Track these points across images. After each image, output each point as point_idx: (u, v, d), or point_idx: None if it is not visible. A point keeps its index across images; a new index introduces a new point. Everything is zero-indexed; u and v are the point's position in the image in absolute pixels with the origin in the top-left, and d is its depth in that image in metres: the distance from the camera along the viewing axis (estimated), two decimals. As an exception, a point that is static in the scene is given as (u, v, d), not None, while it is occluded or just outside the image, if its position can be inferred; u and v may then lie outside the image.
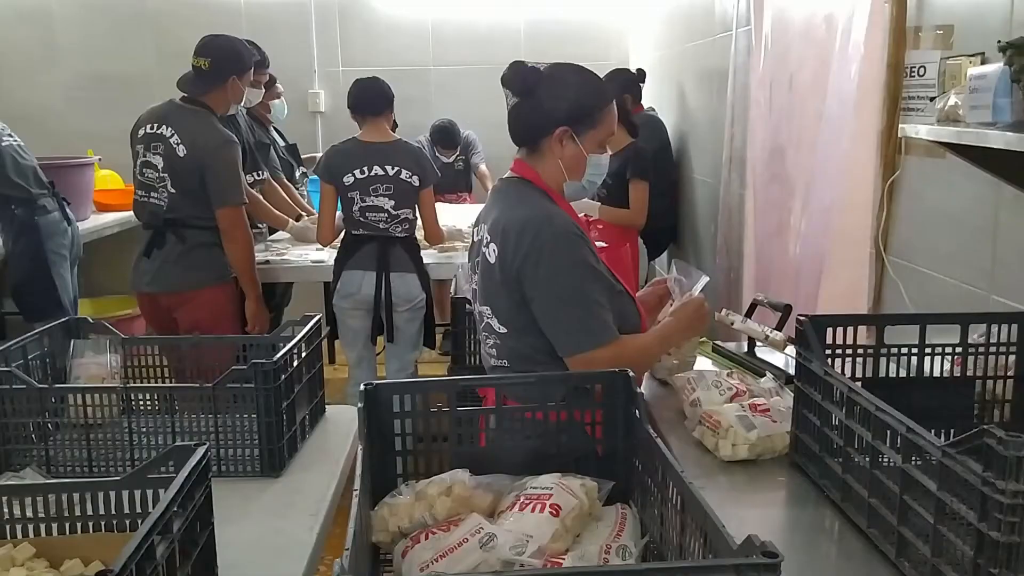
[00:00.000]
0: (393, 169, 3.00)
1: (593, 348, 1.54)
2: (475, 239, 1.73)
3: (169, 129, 2.79)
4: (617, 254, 3.46)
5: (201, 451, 1.11)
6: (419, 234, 3.28)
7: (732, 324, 1.97)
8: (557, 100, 1.62)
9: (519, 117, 1.68)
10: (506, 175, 1.73)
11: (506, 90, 1.68)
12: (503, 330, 1.62)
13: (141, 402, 1.60)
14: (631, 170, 3.55)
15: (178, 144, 2.77)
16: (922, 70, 1.83)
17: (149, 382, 1.85)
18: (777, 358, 1.96)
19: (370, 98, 3.08)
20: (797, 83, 2.57)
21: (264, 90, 3.66)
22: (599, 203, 3.59)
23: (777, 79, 2.72)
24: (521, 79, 1.64)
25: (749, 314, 1.97)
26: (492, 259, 1.61)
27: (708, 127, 3.70)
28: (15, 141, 3.34)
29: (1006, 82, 1.19)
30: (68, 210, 3.44)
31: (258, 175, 3.50)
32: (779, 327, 1.83)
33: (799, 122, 2.57)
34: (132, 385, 1.61)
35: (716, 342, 2.13)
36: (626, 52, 5.23)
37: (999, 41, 1.13)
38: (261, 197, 3.54)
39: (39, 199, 3.27)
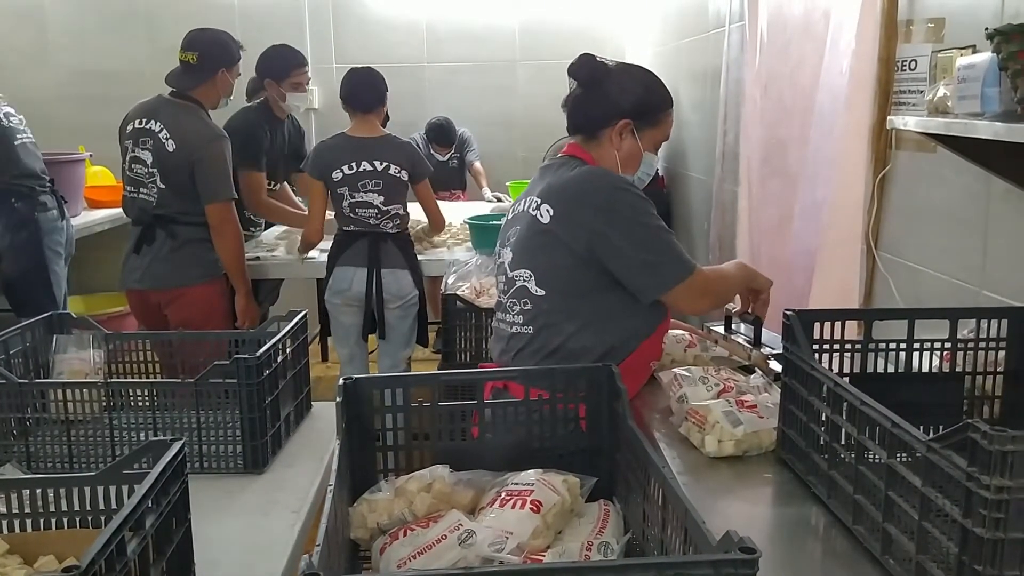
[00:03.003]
0: (382, 165, 2.98)
1: (688, 276, 1.63)
2: (515, 212, 1.78)
3: (158, 124, 2.77)
4: None
5: (177, 446, 1.10)
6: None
7: (716, 343, 1.95)
8: (625, 94, 1.71)
9: (582, 105, 1.75)
10: (557, 156, 1.81)
11: (571, 79, 1.77)
12: (540, 292, 1.66)
13: (124, 398, 1.58)
14: None
15: (167, 139, 2.75)
16: (913, 64, 1.81)
17: (136, 378, 1.83)
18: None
19: (360, 93, 3.05)
20: (793, 79, 2.55)
21: (307, 92, 3.56)
22: None
23: (772, 75, 2.71)
24: (589, 70, 1.72)
25: (727, 327, 1.95)
26: (546, 219, 1.66)
27: (702, 124, 3.69)
28: (29, 137, 3.33)
29: (994, 71, 1.17)
30: (64, 207, 3.42)
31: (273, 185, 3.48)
32: (755, 343, 1.81)
33: (793, 118, 2.56)
34: (113, 380, 1.59)
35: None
36: (621, 50, 5.21)
37: (987, 29, 1.11)
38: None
39: (40, 195, 3.26)
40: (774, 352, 1.76)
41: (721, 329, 1.96)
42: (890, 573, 1.05)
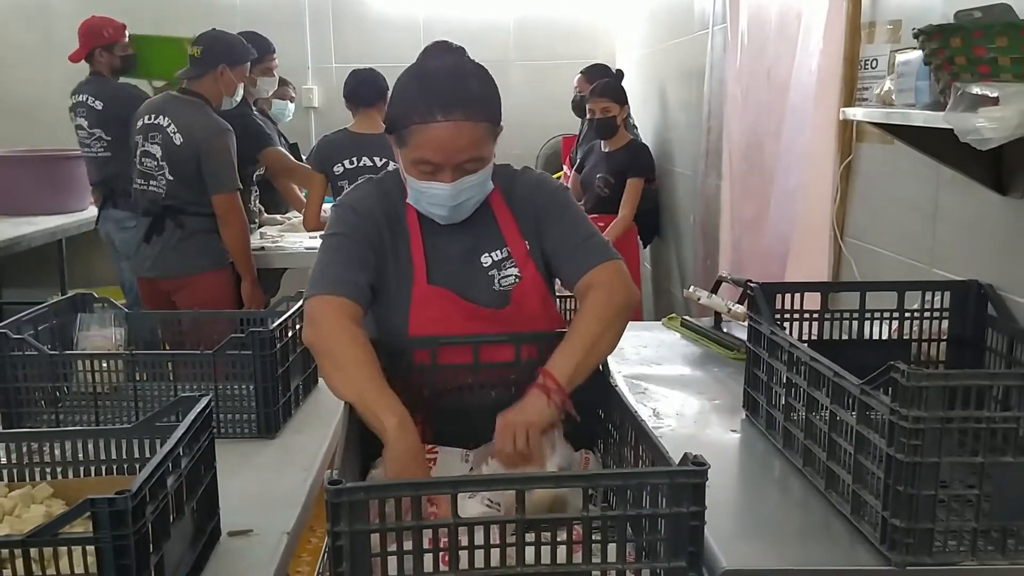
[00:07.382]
0: (381, 160, 3.11)
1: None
2: None
3: (167, 119, 2.91)
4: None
5: (205, 400, 1.23)
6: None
7: (699, 300, 2.10)
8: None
9: None
10: None
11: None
12: None
13: (145, 371, 1.71)
14: (633, 168, 3.73)
15: (175, 133, 2.89)
16: (875, 62, 1.96)
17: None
18: (742, 332, 2.08)
19: (363, 90, 3.20)
20: (770, 77, 2.70)
21: (276, 77, 3.75)
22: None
23: (753, 74, 2.85)
24: None
25: (715, 290, 2.11)
26: None
27: (687, 122, 3.83)
28: (89, 151, 3.61)
29: (924, 67, 1.32)
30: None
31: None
32: (741, 301, 1.96)
33: (770, 114, 2.70)
34: (138, 352, 1.71)
35: (685, 317, 2.26)
36: (612, 50, 5.35)
37: (913, 29, 1.26)
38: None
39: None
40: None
41: (704, 294, 2.12)
42: (832, 504, 1.20)
